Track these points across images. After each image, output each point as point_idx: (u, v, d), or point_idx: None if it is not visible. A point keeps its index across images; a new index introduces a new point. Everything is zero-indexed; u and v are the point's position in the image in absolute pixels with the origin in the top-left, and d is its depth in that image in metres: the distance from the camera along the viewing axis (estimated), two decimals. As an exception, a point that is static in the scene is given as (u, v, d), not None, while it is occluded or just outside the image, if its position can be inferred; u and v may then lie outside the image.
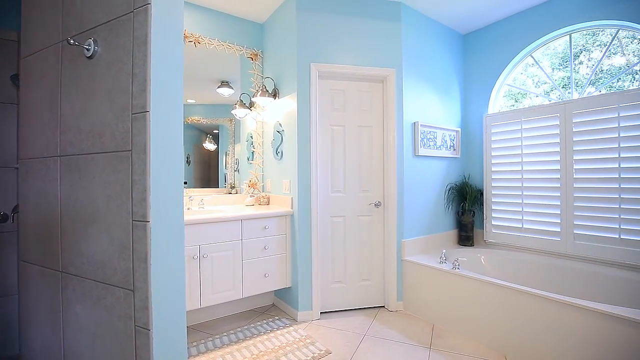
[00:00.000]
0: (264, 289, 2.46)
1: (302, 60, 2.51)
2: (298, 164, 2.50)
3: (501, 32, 3.03)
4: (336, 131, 2.65)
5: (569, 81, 2.72)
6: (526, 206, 2.78)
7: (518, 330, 1.98)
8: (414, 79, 2.80)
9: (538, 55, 2.89)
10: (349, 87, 2.67)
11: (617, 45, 2.49)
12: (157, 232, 1.09)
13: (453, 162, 3.17)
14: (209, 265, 2.18)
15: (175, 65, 1.16)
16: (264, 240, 2.44)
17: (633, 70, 2.44)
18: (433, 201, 2.97)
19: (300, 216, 2.50)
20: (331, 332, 2.34)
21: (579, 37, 2.69)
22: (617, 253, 2.28)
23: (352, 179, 2.68)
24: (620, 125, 2.27)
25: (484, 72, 3.16)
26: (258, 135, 3.03)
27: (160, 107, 1.11)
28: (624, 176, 2.25)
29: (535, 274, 2.59)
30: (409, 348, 2.12)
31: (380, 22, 2.67)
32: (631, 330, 1.56)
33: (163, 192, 1.11)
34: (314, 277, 2.52)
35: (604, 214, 2.34)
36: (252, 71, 2.99)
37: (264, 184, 3.02)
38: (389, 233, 2.67)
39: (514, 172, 2.85)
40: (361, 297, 2.70)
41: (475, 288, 2.20)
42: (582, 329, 1.71)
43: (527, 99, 3.02)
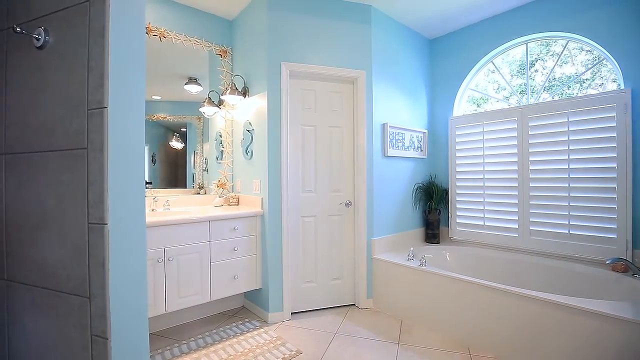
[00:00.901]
0: (234, 291, 2.40)
1: (273, 59, 2.48)
2: (268, 164, 2.47)
3: (465, 38, 3.17)
4: (307, 131, 2.65)
5: (526, 87, 2.90)
6: (487, 205, 2.93)
7: (480, 322, 2.08)
8: (383, 81, 2.86)
9: (499, 62, 3.06)
10: (320, 87, 2.68)
11: (567, 55, 2.69)
12: (116, 235, 1.03)
13: (420, 163, 3.28)
14: (175, 268, 2.10)
15: (136, 59, 1.11)
16: (233, 242, 2.39)
17: (581, 79, 2.65)
18: (401, 200, 3.06)
19: (270, 216, 2.47)
20: (302, 332, 2.33)
21: (535, 47, 2.88)
22: (567, 247, 2.46)
23: (323, 179, 2.69)
24: (569, 129, 2.46)
25: (449, 76, 3.29)
26: (227, 134, 2.96)
27: (119, 103, 1.05)
28: (573, 176, 2.44)
29: (495, 269, 2.74)
30: (378, 344, 2.17)
31: (351, 24, 2.70)
32: (579, 317, 1.69)
33: (123, 193, 1.06)
34: (285, 277, 2.50)
35: (555, 212, 2.52)
36: (222, 68, 2.91)
37: (233, 184, 2.96)
38: (359, 232, 2.72)
39: (477, 173, 3.00)
40: (332, 296, 2.72)
41: (440, 284, 2.29)
42: (537, 318, 1.84)
43: (489, 104, 3.19)
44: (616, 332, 1.58)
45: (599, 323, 1.63)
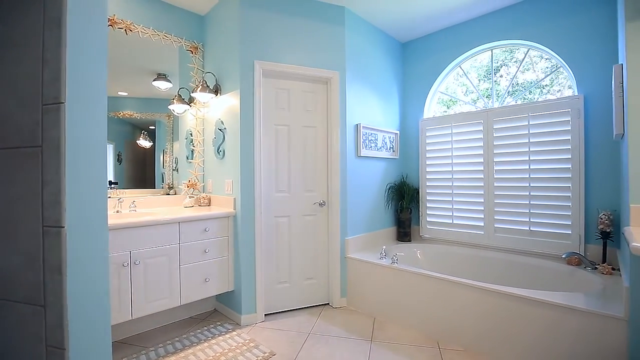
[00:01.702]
0: (205, 294, 2.34)
1: (246, 57, 2.44)
2: (241, 164, 2.42)
3: (435, 43, 3.28)
4: (280, 131, 2.63)
5: (491, 91, 3.04)
6: (456, 203, 3.04)
7: (448, 317, 2.16)
8: (356, 82, 2.90)
9: (467, 67, 3.19)
10: (293, 86, 2.66)
11: (529, 62, 2.85)
12: (74, 239, 0.97)
13: (392, 163, 3.35)
14: (142, 272, 2.01)
15: (97, 51, 1.05)
16: (204, 243, 2.32)
17: (541, 85, 2.82)
18: (374, 200, 3.11)
19: (243, 217, 2.43)
20: (276, 333, 2.31)
21: (500, 53, 3.02)
22: (528, 243, 2.61)
23: (296, 179, 2.68)
24: (530, 132, 2.60)
25: (420, 79, 3.39)
26: (198, 132, 2.87)
27: (78, 99, 0.99)
28: (533, 176, 2.59)
29: (463, 265, 2.85)
30: (351, 343, 2.19)
31: (325, 25, 2.71)
32: (538, 308, 1.80)
33: (82, 194, 0.99)
34: (258, 278, 2.47)
35: (517, 210, 2.67)
36: (192, 65, 2.83)
37: (204, 184, 2.88)
38: (333, 231, 2.73)
39: (446, 173, 3.11)
40: (306, 296, 2.72)
41: (411, 281, 2.35)
42: (501, 310, 1.93)
43: (458, 106, 3.31)
44: (570, 321, 1.69)
45: (555, 313, 1.74)
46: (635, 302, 1.50)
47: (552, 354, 1.75)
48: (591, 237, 2.36)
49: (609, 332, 1.59)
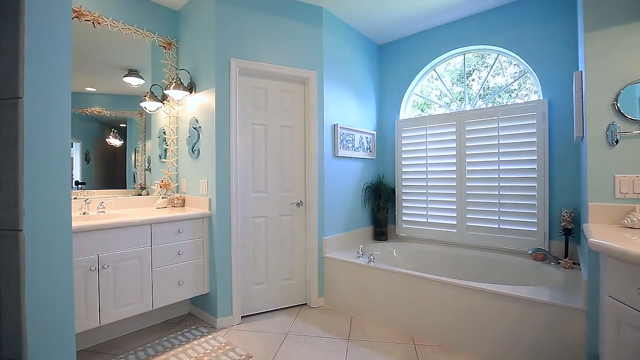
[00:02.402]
0: (179, 297, 2.27)
1: (222, 55, 2.39)
2: (216, 163, 2.37)
3: (410, 46, 3.35)
4: (257, 130, 2.60)
5: (464, 95, 3.15)
6: (430, 203, 3.13)
7: (423, 314, 2.21)
8: (334, 83, 2.91)
9: (441, 70, 3.28)
10: (271, 86, 2.64)
11: (499, 67, 2.98)
12: (33, 243, 0.91)
13: (369, 163, 3.40)
14: (111, 276, 1.93)
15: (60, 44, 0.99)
16: (178, 245, 2.26)
17: (510, 89, 2.95)
18: (351, 200, 3.14)
19: (218, 218, 2.38)
20: (253, 335, 2.28)
21: (472, 58, 3.13)
22: (497, 240, 2.72)
23: (273, 179, 2.66)
24: (499, 134, 2.72)
25: (397, 81, 3.46)
26: (172, 131, 2.79)
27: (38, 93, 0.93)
28: (502, 176, 2.70)
29: (437, 262, 2.93)
30: (329, 342, 2.20)
31: (303, 25, 2.70)
32: (507, 302, 1.88)
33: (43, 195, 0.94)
34: (234, 280, 2.43)
35: (488, 208, 2.77)
36: (166, 61, 2.74)
37: (178, 185, 2.80)
38: (311, 231, 2.73)
39: (420, 173, 3.19)
40: (284, 297, 2.70)
41: (387, 279, 2.39)
42: (473, 306, 2.00)
43: (432, 108, 3.40)
44: (537, 313, 1.78)
45: (522, 306, 1.82)
46: (592, 294, 1.60)
47: (520, 345, 1.83)
48: (555, 233, 2.49)
49: (570, 323, 1.68)
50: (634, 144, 1.53)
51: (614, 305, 1.16)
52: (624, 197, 1.54)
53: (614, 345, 1.17)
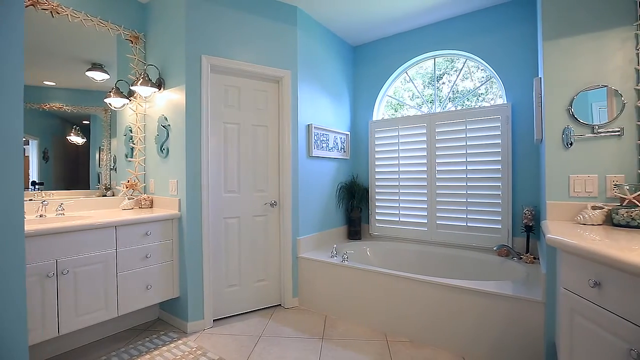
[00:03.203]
0: (147, 302, 2.18)
1: (192, 51, 2.32)
2: (186, 163, 2.30)
3: (384, 48, 3.42)
4: (230, 129, 2.55)
5: (434, 97, 3.25)
6: (402, 202, 3.20)
7: (395, 310, 2.26)
8: (308, 83, 2.91)
9: (413, 73, 3.37)
10: (244, 84, 2.60)
11: (467, 72, 3.10)
12: (-21, 248, 0.84)
13: (343, 163, 3.43)
14: (72, 282, 1.82)
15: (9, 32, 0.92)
16: (145, 248, 2.17)
17: (477, 93, 3.08)
18: (326, 199, 3.15)
19: (189, 219, 2.31)
20: (225, 339, 2.23)
21: (442, 62, 3.24)
22: (465, 238, 2.83)
23: (246, 179, 2.62)
24: (467, 136, 2.83)
25: (370, 82, 3.51)
26: (139, 129, 2.67)
27: (-16, 87, 0.86)
28: (469, 176, 2.82)
29: (409, 260, 3.01)
30: (303, 342, 2.19)
31: (278, 24, 2.68)
32: (474, 297, 1.96)
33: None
34: (206, 283, 2.36)
35: (456, 207, 2.88)
36: (132, 56, 2.62)
37: (146, 185, 2.69)
38: (285, 232, 2.72)
39: (393, 173, 3.26)
40: (257, 298, 2.67)
41: (360, 278, 2.42)
42: (443, 301, 2.07)
43: (405, 110, 3.49)
44: (501, 306, 1.87)
45: (488, 300, 1.91)
46: (550, 286, 1.71)
47: (486, 337, 1.92)
48: (517, 230, 2.63)
49: (530, 314, 1.78)
50: (586, 146, 1.65)
51: (568, 296, 1.24)
52: (577, 196, 1.65)
53: (568, 333, 1.25)
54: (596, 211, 1.52)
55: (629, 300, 0.95)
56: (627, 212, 1.44)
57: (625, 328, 0.96)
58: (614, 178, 1.57)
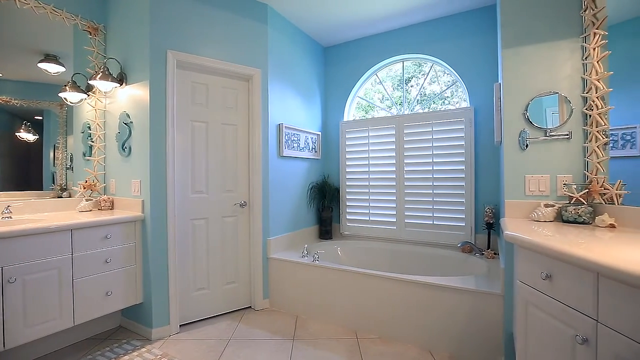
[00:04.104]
0: (107, 310, 2.06)
1: (157, 46, 2.23)
2: (151, 162, 2.20)
3: (354, 50, 3.46)
4: (198, 127, 2.47)
5: (403, 99, 3.34)
6: (372, 202, 3.26)
7: (365, 308, 2.30)
8: (279, 82, 2.89)
9: (383, 75, 3.44)
10: (212, 81, 2.53)
11: (434, 76, 3.21)
12: None
13: (314, 163, 3.44)
14: (19, 291, 1.68)
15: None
16: (105, 252, 2.05)
17: (444, 96, 3.20)
18: (297, 199, 3.14)
19: (153, 221, 2.21)
20: (192, 344, 2.16)
21: (411, 66, 3.34)
22: (432, 235, 2.94)
23: (215, 179, 2.55)
24: (433, 137, 2.94)
25: (341, 83, 3.54)
26: (98, 126, 2.53)
27: None
28: (435, 176, 2.92)
29: (379, 258, 3.07)
30: (273, 343, 2.17)
31: (248, 21, 2.63)
32: (439, 292, 2.04)
33: None
34: (172, 287, 2.28)
35: (423, 206, 2.98)
36: (91, 48, 2.47)
37: (106, 185, 2.54)
38: (255, 232, 2.68)
39: (363, 173, 3.31)
40: (227, 301, 2.61)
41: (330, 277, 2.44)
42: (410, 297, 2.13)
43: (375, 111, 3.56)
44: (464, 300, 1.96)
45: (452, 295, 1.99)
46: (508, 280, 1.81)
47: (451, 331, 2.00)
48: (480, 227, 2.76)
49: (491, 307, 1.88)
50: (540, 148, 1.77)
51: (523, 288, 1.32)
52: (532, 195, 1.76)
53: (523, 323, 1.33)
54: (548, 209, 1.63)
55: (575, 290, 1.03)
56: (575, 210, 1.56)
57: (571, 316, 1.04)
58: (563, 178, 1.70)
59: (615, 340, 0.88)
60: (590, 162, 1.62)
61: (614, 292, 0.89)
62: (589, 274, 0.98)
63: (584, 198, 1.58)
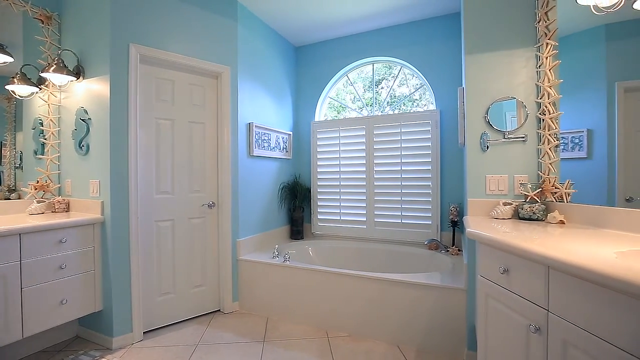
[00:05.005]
0: (61, 319, 1.92)
1: (119, 39, 2.11)
2: (111, 161, 2.08)
3: (325, 51, 3.48)
4: (163, 125, 2.37)
5: (373, 101, 3.41)
6: (343, 201, 3.30)
7: (335, 307, 2.32)
8: (249, 80, 2.84)
9: (354, 77, 3.49)
10: (179, 78, 2.44)
11: (404, 78, 3.30)
12: None
13: (286, 163, 3.42)
14: (-42, 302, 1.52)
15: None
16: (59, 258, 1.91)
17: (412, 98, 3.30)
18: (267, 199, 3.11)
19: (114, 223, 2.10)
20: (157, 351, 2.07)
21: (381, 68, 3.41)
22: (400, 234, 3.02)
23: (182, 179, 2.46)
24: (401, 138, 3.02)
25: (312, 83, 3.55)
26: (52, 122, 2.35)
27: None
28: (404, 176, 3.01)
29: (350, 257, 3.11)
30: (243, 346, 2.13)
31: (217, 17, 2.57)
32: (406, 288, 2.10)
33: None
34: (134, 292, 2.17)
35: (392, 205, 3.06)
36: (44, 38, 2.30)
37: (61, 186, 2.37)
38: (224, 234, 2.61)
39: (334, 173, 3.34)
40: (194, 305, 2.52)
41: (301, 277, 2.44)
42: (379, 294, 2.18)
43: (347, 112, 3.59)
44: (430, 295, 2.03)
45: (419, 291, 2.06)
46: (471, 275, 1.90)
47: (417, 326, 2.06)
48: (445, 225, 2.88)
49: (454, 301, 1.97)
50: (499, 150, 1.87)
51: (484, 283, 1.39)
52: (492, 194, 1.86)
53: (484, 315, 1.40)
54: (506, 207, 1.73)
55: (529, 283, 1.10)
56: (530, 207, 1.66)
57: (525, 307, 1.11)
58: (520, 178, 1.81)
59: (563, 328, 0.95)
60: (543, 163, 1.74)
61: (563, 284, 0.96)
62: (541, 267, 1.05)
63: (538, 196, 1.70)
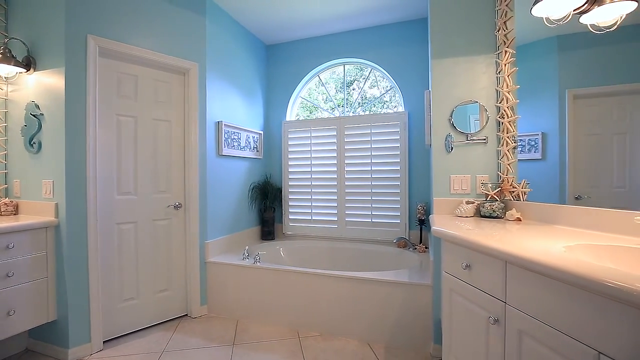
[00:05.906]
0: (8, 332, 1.77)
1: (75, 29, 1.97)
2: (66, 160, 1.94)
3: (297, 50, 3.47)
4: (125, 122, 2.25)
5: (344, 101, 3.44)
6: (314, 201, 3.31)
7: (306, 307, 2.32)
8: (218, 78, 2.77)
9: (326, 77, 3.50)
10: (142, 73, 2.33)
11: (375, 80, 3.36)
12: None
13: (256, 163, 3.37)
14: None
15: None
16: (5, 265, 1.75)
17: (383, 100, 3.37)
18: (237, 200, 3.04)
19: (70, 226, 1.96)
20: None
21: (352, 69, 3.45)
22: (371, 233, 3.08)
23: (145, 179, 2.35)
24: (372, 139, 3.08)
25: (284, 83, 3.53)
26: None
27: None
28: (374, 176, 3.07)
29: (321, 257, 3.12)
30: (212, 351, 2.08)
31: (184, 11, 2.48)
32: (377, 286, 2.14)
33: None
34: (93, 300, 2.04)
35: (362, 205, 3.11)
36: (-14, 25, 2.10)
37: (8, 187, 2.18)
38: (191, 236, 2.53)
39: (305, 173, 3.34)
40: (159, 311, 2.42)
41: (272, 278, 2.41)
42: (350, 293, 2.20)
43: (319, 112, 3.60)
44: (398, 292, 2.08)
45: (387, 288, 2.11)
46: (436, 271, 1.98)
47: (387, 322, 2.11)
48: (413, 224, 2.97)
49: (421, 297, 2.03)
50: (462, 151, 1.96)
51: (448, 278, 1.45)
52: (456, 193, 1.95)
53: (448, 310, 1.46)
54: (469, 205, 1.82)
55: (489, 277, 1.17)
56: (490, 206, 1.76)
57: (486, 300, 1.18)
58: (481, 178, 1.91)
59: (519, 319, 1.02)
60: (503, 164, 1.84)
61: (518, 277, 1.02)
62: (499, 262, 1.11)
63: (498, 195, 1.80)
